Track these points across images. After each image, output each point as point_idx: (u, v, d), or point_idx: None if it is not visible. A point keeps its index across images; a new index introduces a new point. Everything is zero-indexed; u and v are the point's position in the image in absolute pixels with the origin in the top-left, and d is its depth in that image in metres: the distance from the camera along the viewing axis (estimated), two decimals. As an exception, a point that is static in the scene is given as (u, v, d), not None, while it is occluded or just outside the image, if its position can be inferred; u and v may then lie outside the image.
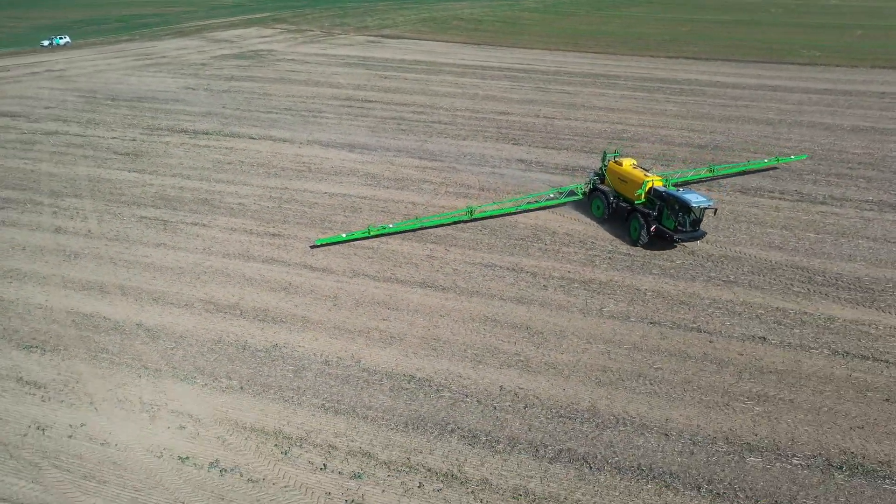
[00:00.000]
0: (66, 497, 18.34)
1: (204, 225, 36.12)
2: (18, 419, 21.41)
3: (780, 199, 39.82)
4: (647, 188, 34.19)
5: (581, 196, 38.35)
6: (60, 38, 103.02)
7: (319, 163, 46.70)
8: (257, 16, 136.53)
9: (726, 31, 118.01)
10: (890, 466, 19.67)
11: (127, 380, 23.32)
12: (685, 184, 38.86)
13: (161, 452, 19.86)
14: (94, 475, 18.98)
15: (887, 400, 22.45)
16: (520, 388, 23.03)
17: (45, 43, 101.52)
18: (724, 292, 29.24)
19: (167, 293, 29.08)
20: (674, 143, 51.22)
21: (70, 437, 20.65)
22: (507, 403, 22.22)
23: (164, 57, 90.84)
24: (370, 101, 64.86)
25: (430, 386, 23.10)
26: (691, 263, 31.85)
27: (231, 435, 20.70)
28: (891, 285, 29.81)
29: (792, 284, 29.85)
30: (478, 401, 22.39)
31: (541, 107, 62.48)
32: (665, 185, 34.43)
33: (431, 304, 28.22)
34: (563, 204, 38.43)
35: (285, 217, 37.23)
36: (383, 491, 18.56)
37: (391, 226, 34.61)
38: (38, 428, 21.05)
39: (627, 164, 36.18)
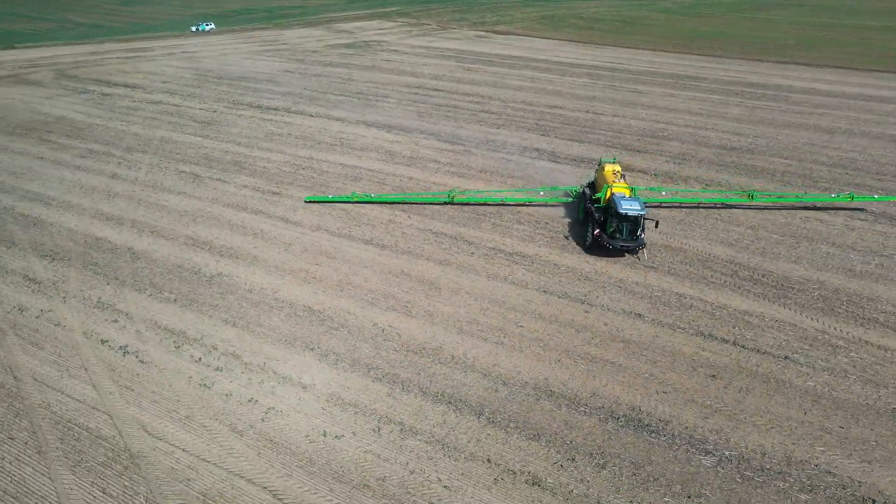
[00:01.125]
0: (11, 354, 24.84)
1: (223, 181, 42.60)
2: (9, 301, 28.43)
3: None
4: (607, 192, 33.00)
5: (572, 198, 38.16)
6: (206, 25, 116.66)
7: (353, 139, 52.08)
8: (384, 10, 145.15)
9: (864, 37, 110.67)
10: (666, 425, 21.55)
11: (96, 284, 29.77)
12: (681, 204, 38.52)
13: (91, 335, 25.90)
14: (39, 343, 25.29)
15: (713, 376, 23.93)
16: (390, 326, 26.83)
17: (193, 28, 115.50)
18: (635, 275, 30.97)
19: (164, 228, 35.58)
20: (705, 144, 51.43)
21: (37, 317, 27.26)
22: (370, 336, 26.14)
23: (284, 44, 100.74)
24: (437, 90, 69.51)
25: (318, 316, 27.49)
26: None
27: (147, 330, 26.37)
28: (815, 287, 30.09)
29: (712, 276, 30.88)
30: (348, 331, 26.50)
31: (598, 103, 64.07)
32: (627, 194, 33.06)
33: (363, 257, 32.51)
34: (551, 204, 38.81)
35: (294, 180, 42.88)
36: (238, 384, 23.21)
37: (373, 195, 39.09)
38: (18, 309, 27.90)
39: (609, 169, 35.31)
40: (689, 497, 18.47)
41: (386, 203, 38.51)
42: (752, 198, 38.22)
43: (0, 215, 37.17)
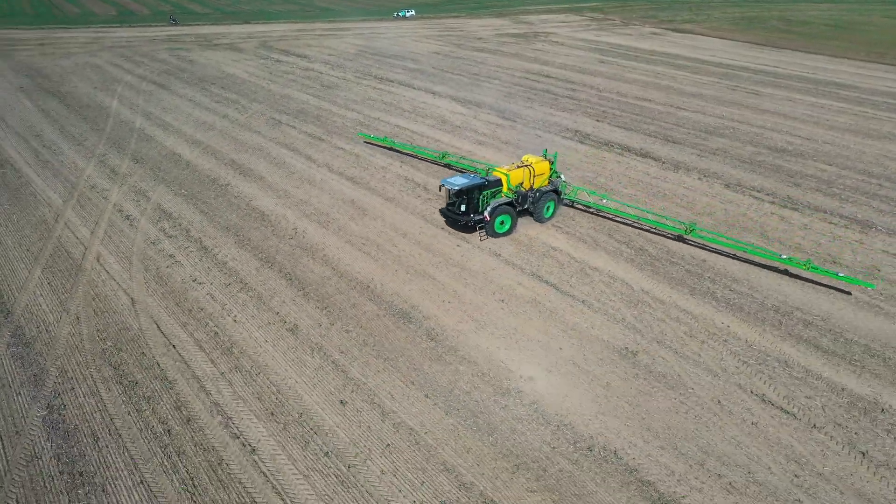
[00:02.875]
0: (65, 210, 37.53)
1: (293, 127, 53.63)
2: (89, 180, 41.65)
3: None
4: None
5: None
6: (407, 12, 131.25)
7: (426, 108, 60.36)
8: (583, 4, 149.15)
9: None
10: (416, 310, 27.54)
11: (146, 179, 41.93)
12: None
13: (117, 207, 37.87)
14: (85, 206, 37.69)
15: (502, 300, 29.07)
16: (302, 230, 35.20)
17: (396, 14, 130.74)
18: (544, 232, 35.81)
19: (220, 151, 47.24)
20: (753, 143, 51.08)
21: (97, 193, 40.04)
22: (280, 232, 34.81)
23: (460, 31, 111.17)
24: (548, 77, 74.85)
25: (262, 216, 36.70)
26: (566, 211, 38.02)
27: (152, 210, 37.67)
28: (711, 273, 32.62)
29: (624, 250, 34.60)
30: (263, 224, 35.40)
31: (693, 100, 64.80)
32: (509, 183, 34.27)
33: (332, 186, 41.00)
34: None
35: (342, 131, 52.54)
36: (190, 263, 33.35)
37: (395, 141, 47.10)
38: (91, 186, 40.98)
39: (532, 158, 36.01)
40: (386, 360, 24.39)
41: (394, 149, 46.21)
42: (691, 232, 33.44)
43: (130, 130, 51.47)
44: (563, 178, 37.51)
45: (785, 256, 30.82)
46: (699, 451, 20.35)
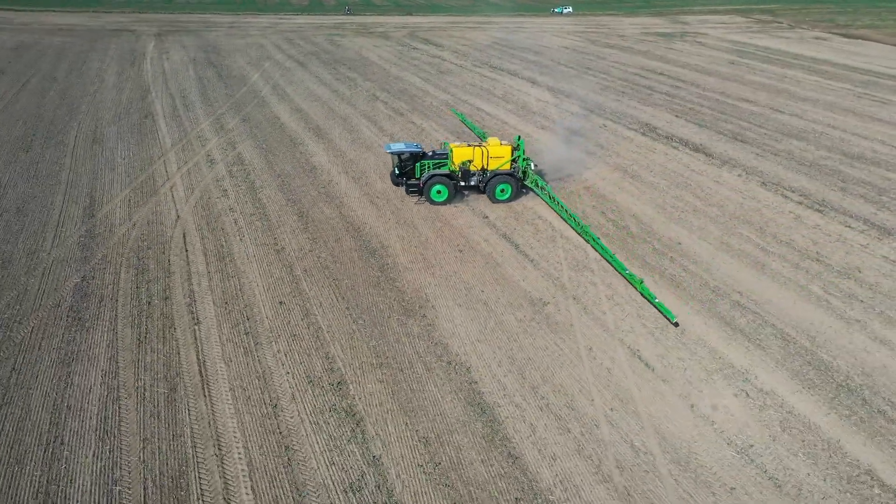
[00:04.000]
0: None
1: (385, 102, 60.40)
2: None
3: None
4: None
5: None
6: (564, 8, 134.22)
7: (516, 95, 64.55)
8: (749, 6, 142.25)
9: None
10: (384, 249, 32.91)
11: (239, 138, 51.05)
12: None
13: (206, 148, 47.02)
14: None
15: (460, 251, 33.61)
16: (335, 183, 41.64)
17: (553, 10, 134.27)
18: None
19: (311, 118, 55.05)
20: (829, 148, 49.48)
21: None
22: (316, 181, 41.52)
23: (607, 29, 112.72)
24: (659, 75, 75.59)
25: (311, 169, 43.67)
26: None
27: (197, 143, 46.37)
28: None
29: (609, 228, 37.53)
30: (309, 175, 42.33)
31: (800, 104, 62.56)
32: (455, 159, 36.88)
33: (384, 153, 47.22)
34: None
35: (425, 109, 58.34)
36: (234, 188, 41.41)
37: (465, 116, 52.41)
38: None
39: (494, 141, 37.52)
40: (334, 279, 30.06)
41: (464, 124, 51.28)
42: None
43: (254, 97, 61.22)
44: (533, 167, 38.28)
45: (628, 271, 29.90)
46: (539, 379, 23.65)
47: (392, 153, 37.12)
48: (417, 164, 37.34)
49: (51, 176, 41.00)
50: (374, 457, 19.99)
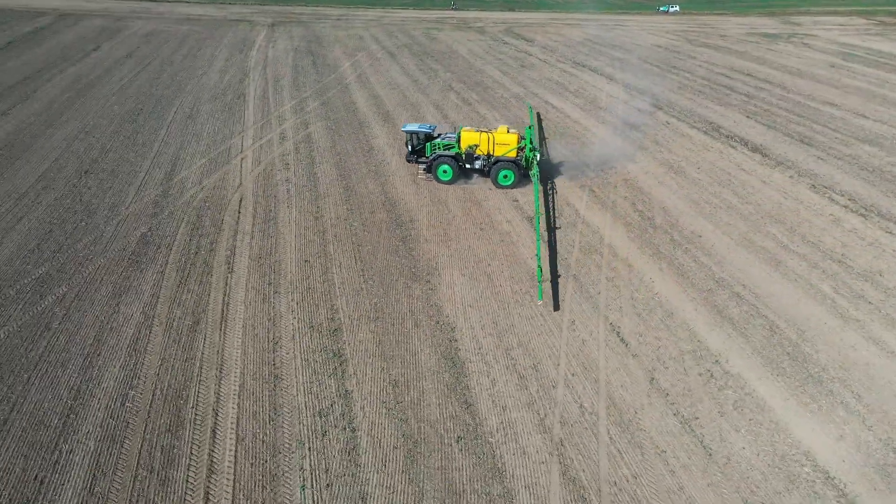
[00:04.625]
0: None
1: (458, 93, 63.32)
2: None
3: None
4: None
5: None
6: (670, 7, 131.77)
7: (588, 91, 65.56)
8: (878, 7, 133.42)
9: None
10: (411, 222, 35.99)
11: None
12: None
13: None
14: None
15: (500, 237, 36.16)
16: (386, 162, 44.96)
17: (659, 9, 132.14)
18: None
19: (384, 104, 58.98)
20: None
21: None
22: (370, 160, 45.09)
23: (709, 29, 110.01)
24: (746, 76, 73.90)
25: (369, 149, 47.42)
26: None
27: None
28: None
29: (634, 219, 38.98)
30: (365, 153, 46.01)
31: (892, 109, 60.63)
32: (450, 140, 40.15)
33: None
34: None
35: (493, 101, 60.59)
36: (296, 162, 45.89)
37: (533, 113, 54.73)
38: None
39: (502, 128, 39.51)
40: (358, 246, 33.49)
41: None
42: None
43: (339, 83, 65.80)
44: (538, 157, 39.06)
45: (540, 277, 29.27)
46: (514, 343, 25.84)
47: (406, 132, 40.01)
48: (428, 144, 39.80)
49: (146, 144, 46.70)
50: (346, 391, 22.90)
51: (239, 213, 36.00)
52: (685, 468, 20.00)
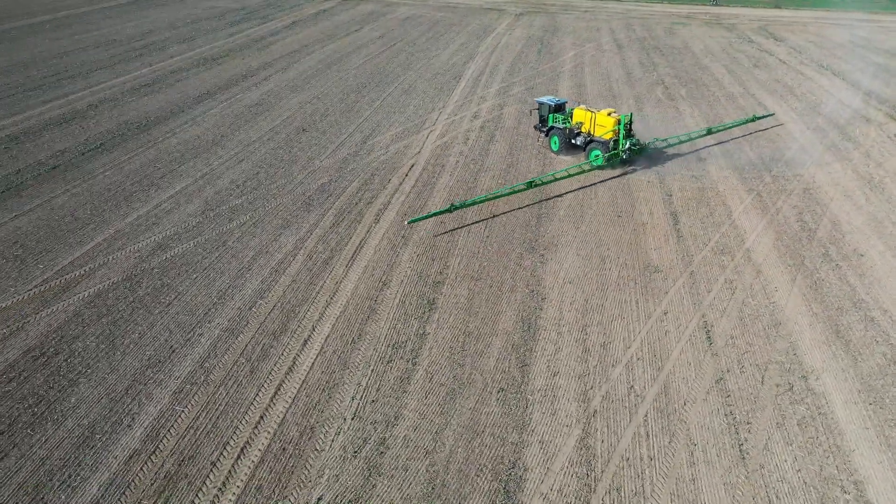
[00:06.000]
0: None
1: (662, 85, 62.50)
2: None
3: None
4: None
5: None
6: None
7: (815, 95, 59.43)
8: None
9: None
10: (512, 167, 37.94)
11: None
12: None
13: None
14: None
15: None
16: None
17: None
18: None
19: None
20: None
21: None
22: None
23: (797, 27, 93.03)
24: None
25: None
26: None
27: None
28: None
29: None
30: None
31: None
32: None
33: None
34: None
35: (698, 98, 59.27)
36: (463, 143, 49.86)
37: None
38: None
39: (605, 111, 41.72)
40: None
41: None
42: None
43: (552, 70, 68.44)
44: (628, 143, 40.40)
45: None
46: (595, 322, 26.95)
47: (538, 102, 44.01)
48: (551, 116, 43.20)
49: (359, 112, 53.62)
50: (424, 332, 26.01)
51: (406, 175, 40.48)
52: (708, 463, 19.88)
